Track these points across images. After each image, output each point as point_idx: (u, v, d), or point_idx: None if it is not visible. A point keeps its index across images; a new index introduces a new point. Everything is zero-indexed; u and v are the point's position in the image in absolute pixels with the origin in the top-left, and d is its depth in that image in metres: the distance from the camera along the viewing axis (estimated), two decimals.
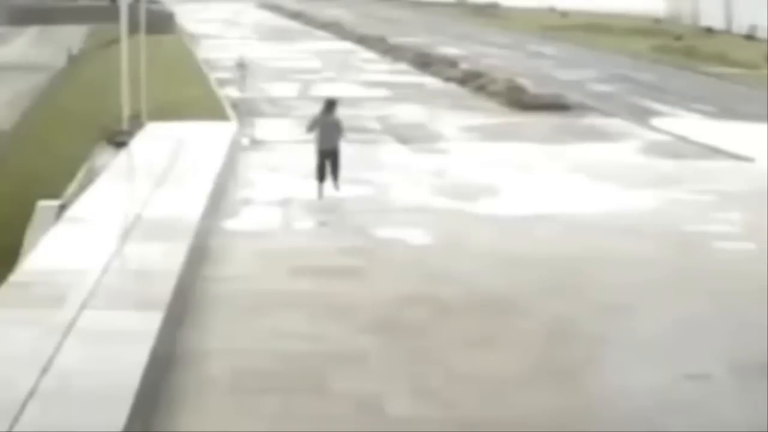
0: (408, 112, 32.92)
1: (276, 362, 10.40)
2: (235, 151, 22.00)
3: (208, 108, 32.10)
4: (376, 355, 10.73)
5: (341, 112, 19.96)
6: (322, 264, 13.93)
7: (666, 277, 13.80)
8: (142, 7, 26.39)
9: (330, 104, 19.33)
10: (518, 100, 35.13)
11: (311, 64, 49.40)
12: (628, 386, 10.10)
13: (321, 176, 18.70)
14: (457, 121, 30.51)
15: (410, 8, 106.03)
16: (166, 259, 12.52)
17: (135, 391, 8.45)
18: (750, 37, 68.55)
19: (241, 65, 33.58)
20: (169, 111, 27.04)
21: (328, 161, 18.78)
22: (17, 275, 11.93)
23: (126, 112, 23.26)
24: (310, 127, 19.36)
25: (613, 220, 17.06)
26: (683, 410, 9.56)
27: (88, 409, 8.12)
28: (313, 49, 59.33)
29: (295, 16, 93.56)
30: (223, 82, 41.47)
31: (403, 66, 50.03)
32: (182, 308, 11.55)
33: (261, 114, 31.89)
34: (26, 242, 16.76)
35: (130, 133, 22.43)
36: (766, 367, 10.38)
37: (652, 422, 9.30)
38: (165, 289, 11.23)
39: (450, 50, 56.46)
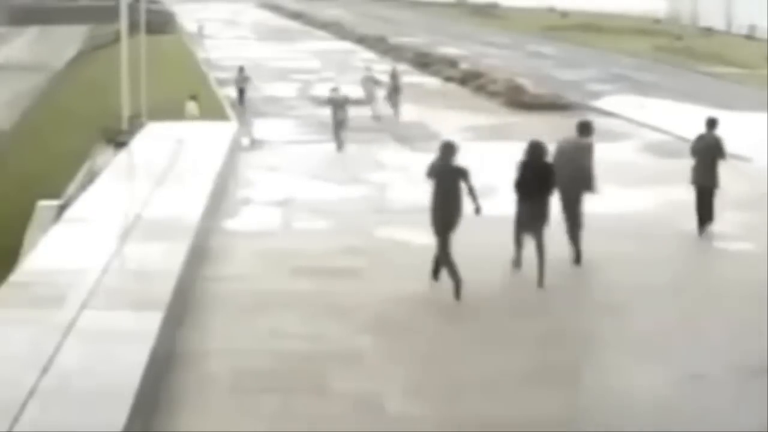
0: (408, 112, 32.93)
1: (276, 362, 10.41)
2: (235, 151, 22.00)
3: (208, 108, 32.10)
4: (375, 354, 10.73)
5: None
6: (322, 264, 13.93)
7: (666, 276, 13.80)
8: (143, 7, 26.40)
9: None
10: (518, 100, 35.18)
11: (311, 64, 49.44)
12: (627, 386, 10.10)
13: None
14: (457, 121, 30.54)
15: (410, 8, 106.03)
16: (166, 259, 12.52)
17: (135, 390, 8.45)
18: (750, 37, 68.61)
19: (201, 27, 58.54)
20: (170, 111, 27.06)
21: None
22: (17, 275, 11.93)
23: (126, 112, 23.26)
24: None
25: (612, 220, 17.05)
26: (683, 410, 9.57)
27: (88, 409, 8.12)
28: (312, 49, 59.36)
29: (295, 16, 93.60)
30: (223, 82, 41.48)
31: (403, 66, 50.05)
32: (182, 308, 11.56)
33: (261, 114, 31.93)
34: (26, 242, 16.78)
35: (130, 133, 22.43)
36: (766, 368, 10.39)
37: (652, 422, 9.30)
38: (165, 289, 11.23)
39: (450, 50, 56.48)
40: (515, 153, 13.67)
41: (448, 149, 13.01)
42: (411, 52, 53.82)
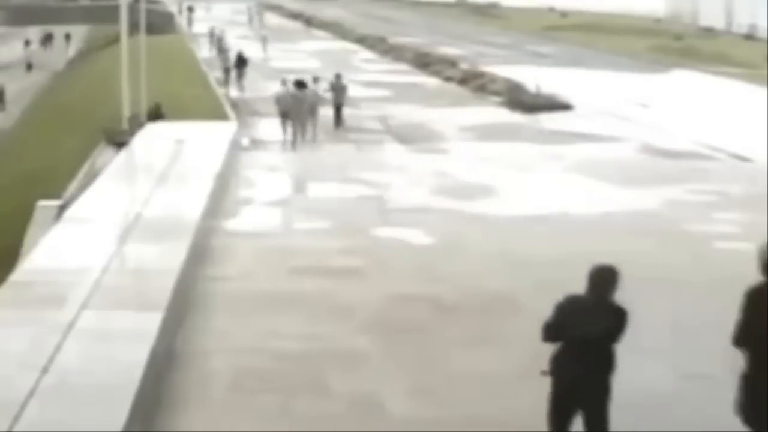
0: (408, 112, 32.93)
1: (276, 362, 10.41)
2: (235, 151, 22.01)
3: (209, 108, 32.10)
4: (375, 354, 10.73)
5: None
6: (322, 264, 13.93)
7: (665, 276, 13.80)
8: (142, 7, 26.41)
9: None
10: (518, 100, 35.16)
11: (311, 64, 49.37)
12: (627, 386, 10.09)
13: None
14: (457, 121, 30.52)
15: (410, 8, 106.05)
16: (166, 258, 12.52)
17: (135, 390, 8.45)
18: (750, 37, 68.65)
19: (190, 9, 59.41)
20: (169, 111, 27.05)
21: None
22: (17, 275, 11.93)
23: (126, 112, 23.26)
24: None
25: (612, 220, 17.07)
26: (683, 410, 9.57)
27: (88, 409, 8.12)
28: (313, 49, 59.31)
29: (295, 16, 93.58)
30: (223, 82, 41.46)
31: (403, 66, 50.03)
32: (182, 308, 11.56)
33: (260, 114, 31.91)
34: (26, 242, 16.78)
35: (131, 133, 22.43)
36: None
37: (652, 422, 9.31)
38: (165, 289, 11.23)
39: (450, 50, 56.47)
40: (514, 153, 13.64)
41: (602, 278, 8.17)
42: (411, 52, 53.78)
